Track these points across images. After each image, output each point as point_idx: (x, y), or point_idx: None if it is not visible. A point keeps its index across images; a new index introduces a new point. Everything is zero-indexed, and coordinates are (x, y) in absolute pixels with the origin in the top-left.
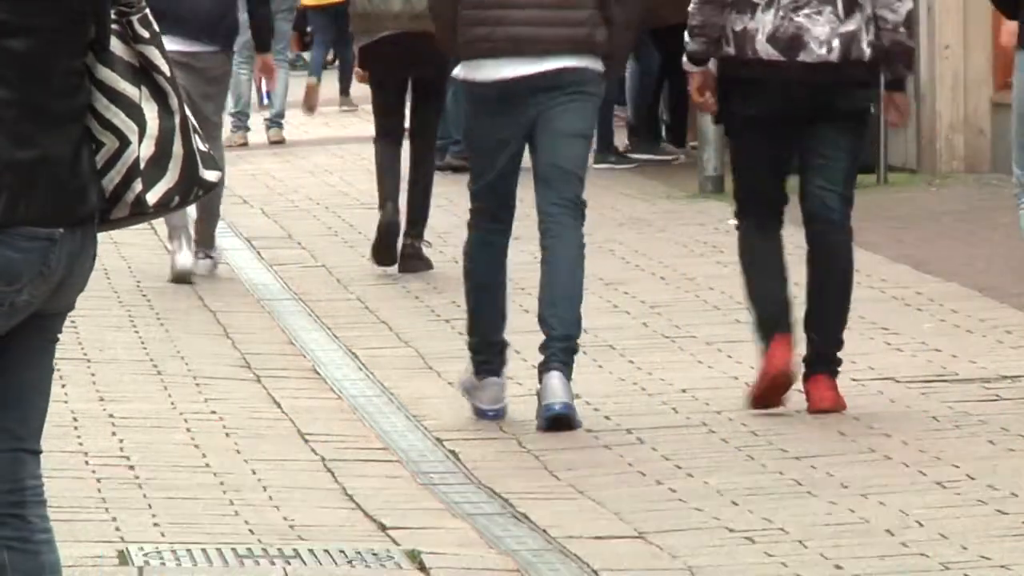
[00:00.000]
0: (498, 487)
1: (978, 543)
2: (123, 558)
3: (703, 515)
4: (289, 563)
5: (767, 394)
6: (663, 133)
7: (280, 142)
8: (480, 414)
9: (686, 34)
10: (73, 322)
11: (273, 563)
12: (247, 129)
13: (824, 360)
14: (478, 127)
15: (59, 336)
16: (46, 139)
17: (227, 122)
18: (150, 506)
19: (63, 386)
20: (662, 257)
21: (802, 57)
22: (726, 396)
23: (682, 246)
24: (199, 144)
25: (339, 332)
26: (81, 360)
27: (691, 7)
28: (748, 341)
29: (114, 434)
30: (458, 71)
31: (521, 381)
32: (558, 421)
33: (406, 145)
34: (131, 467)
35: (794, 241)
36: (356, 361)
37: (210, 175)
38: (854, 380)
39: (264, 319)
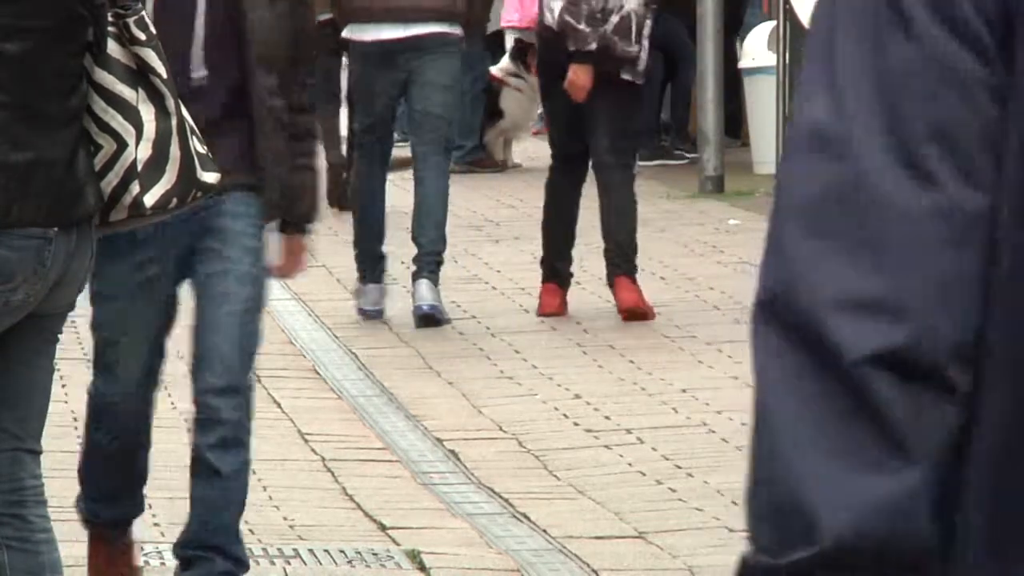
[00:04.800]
0: (498, 487)
1: None
2: None
3: (703, 515)
4: (289, 563)
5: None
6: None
7: None
8: (363, 314)
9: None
10: (73, 322)
11: (273, 563)
12: None
13: (623, 263)
14: (362, 79)
15: (59, 336)
16: (41, 142)
17: None
18: (150, 506)
19: (63, 386)
20: (662, 257)
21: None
22: (726, 396)
23: (682, 246)
24: (197, 146)
25: (339, 332)
26: (81, 360)
27: None
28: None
29: None
30: (346, 32)
31: (521, 381)
32: (427, 319)
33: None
34: None
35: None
36: (356, 361)
37: (208, 176)
38: None
39: (264, 319)
